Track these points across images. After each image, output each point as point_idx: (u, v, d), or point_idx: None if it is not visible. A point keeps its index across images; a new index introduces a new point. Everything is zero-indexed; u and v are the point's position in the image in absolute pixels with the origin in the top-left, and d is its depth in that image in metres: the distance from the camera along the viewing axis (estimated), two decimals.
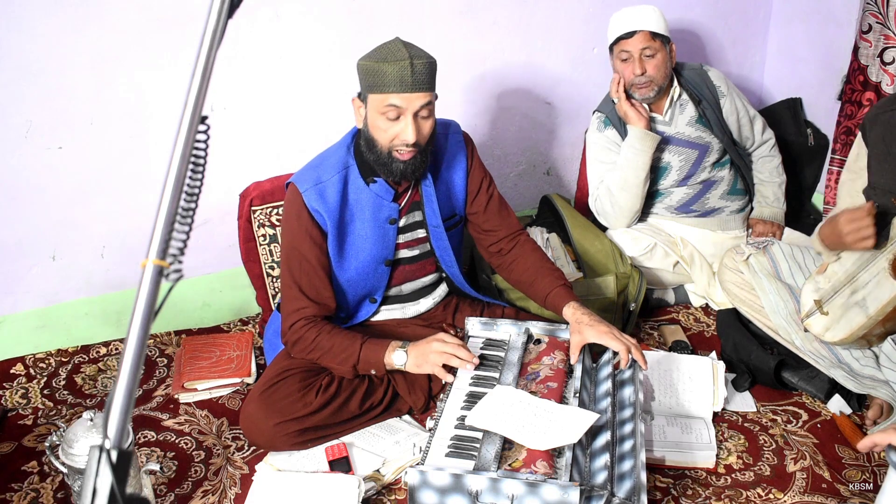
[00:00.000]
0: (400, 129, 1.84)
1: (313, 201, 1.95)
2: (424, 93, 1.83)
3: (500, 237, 2.18)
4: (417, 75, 1.80)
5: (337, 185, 1.97)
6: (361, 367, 1.97)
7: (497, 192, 2.18)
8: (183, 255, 0.85)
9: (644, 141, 2.53)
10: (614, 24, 2.54)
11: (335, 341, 1.97)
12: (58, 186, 2.32)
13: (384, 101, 1.82)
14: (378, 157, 1.90)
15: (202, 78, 0.89)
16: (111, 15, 2.20)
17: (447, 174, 2.11)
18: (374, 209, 2.01)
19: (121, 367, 0.82)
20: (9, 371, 2.36)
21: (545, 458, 1.61)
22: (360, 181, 1.99)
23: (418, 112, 1.84)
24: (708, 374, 2.17)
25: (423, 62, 1.81)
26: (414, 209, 2.08)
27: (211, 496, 1.90)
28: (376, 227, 2.03)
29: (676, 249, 2.69)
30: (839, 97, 2.85)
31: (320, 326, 1.99)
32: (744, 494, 1.89)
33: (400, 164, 1.89)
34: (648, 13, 2.49)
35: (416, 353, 1.93)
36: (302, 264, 1.98)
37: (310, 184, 1.96)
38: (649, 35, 2.48)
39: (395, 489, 1.91)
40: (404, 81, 1.79)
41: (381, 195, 2.00)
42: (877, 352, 2.11)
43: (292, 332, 2.00)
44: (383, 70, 1.79)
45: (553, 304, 2.06)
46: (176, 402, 2.24)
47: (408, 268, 2.14)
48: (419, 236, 2.11)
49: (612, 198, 2.62)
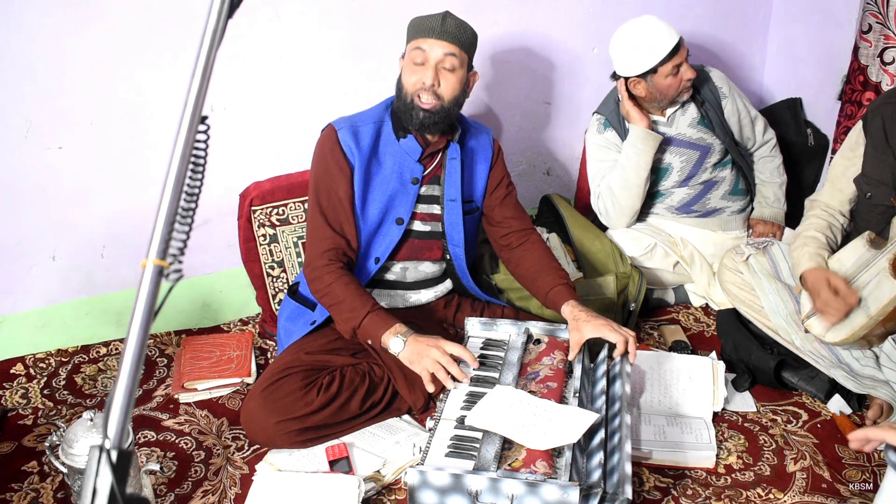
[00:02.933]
0: (422, 73, 1.99)
1: (347, 139, 2.06)
2: (450, 43, 1.98)
3: (513, 230, 2.24)
4: (447, 27, 1.98)
5: (371, 132, 2.09)
6: (360, 333, 1.98)
7: (515, 193, 2.29)
8: (183, 255, 0.86)
9: (646, 141, 2.53)
10: (649, 48, 2.43)
11: (347, 295, 1.98)
12: (58, 186, 2.32)
13: (413, 46, 2.01)
14: (403, 103, 2.04)
15: (202, 78, 0.89)
16: (111, 15, 2.20)
17: (472, 157, 2.21)
18: (400, 164, 2.11)
19: (121, 367, 0.82)
20: (9, 371, 2.36)
21: (545, 458, 1.61)
22: (391, 135, 2.11)
23: (441, 61, 1.99)
24: (708, 374, 2.17)
25: (457, 21, 2.00)
26: (434, 182, 2.15)
27: (211, 496, 1.90)
28: (399, 183, 2.11)
29: (676, 249, 2.69)
30: (839, 97, 2.86)
31: (340, 273, 2.01)
32: (744, 494, 1.89)
33: (420, 112, 2.01)
34: (668, 25, 2.46)
35: (413, 348, 1.91)
36: (330, 196, 2.06)
37: (346, 124, 2.09)
38: (682, 41, 2.48)
39: (395, 489, 1.91)
40: (433, 29, 1.98)
41: (408, 151, 2.10)
42: (877, 352, 2.11)
43: (313, 267, 2.04)
44: (421, 21, 2.02)
45: (553, 302, 2.08)
46: (176, 402, 2.24)
47: (417, 242, 2.17)
48: (434, 211, 2.17)
49: (613, 196, 2.62)
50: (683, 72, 2.49)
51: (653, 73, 2.48)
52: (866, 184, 2.10)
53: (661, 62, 2.45)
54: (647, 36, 2.45)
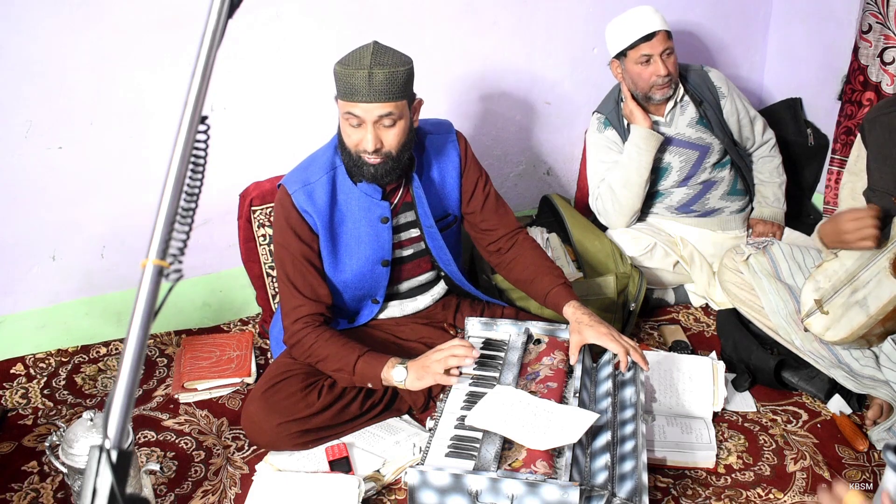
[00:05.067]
0: (361, 136, 1.85)
1: (302, 202, 1.95)
2: (383, 103, 1.80)
3: (499, 236, 2.17)
4: (376, 85, 1.78)
5: (325, 185, 1.97)
6: (357, 379, 1.95)
7: (494, 191, 2.17)
8: (183, 255, 0.85)
9: (648, 141, 2.53)
10: (625, 29, 2.49)
11: (331, 350, 1.95)
12: (58, 186, 2.32)
13: (345, 108, 1.84)
14: (349, 159, 1.91)
15: (202, 78, 0.89)
16: (111, 15, 2.20)
17: (438, 174, 2.10)
18: (365, 209, 2.01)
19: (121, 367, 0.82)
20: (9, 371, 2.36)
21: (545, 458, 1.61)
22: (347, 181, 1.99)
23: (378, 121, 1.83)
24: (708, 374, 2.17)
25: (386, 72, 1.78)
26: (407, 209, 2.08)
27: (211, 496, 1.90)
28: (369, 227, 2.02)
29: (676, 249, 2.69)
30: (839, 97, 2.85)
31: (318, 332, 1.98)
32: (744, 494, 1.89)
33: (370, 168, 1.89)
34: (656, 14, 2.48)
35: (416, 367, 1.90)
36: (295, 263, 1.99)
37: (298, 185, 1.97)
38: (666, 35, 2.48)
39: (395, 489, 1.91)
40: (361, 91, 1.79)
41: (369, 194, 1.99)
42: (877, 352, 2.11)
43: (291, 332, 2.00)
44: (346, 77, 1.80)
45: (553, 303, 2.06)
46: (176, 402, 2.24)
47: (405, 266, 2.14)
48: (413, 235, 2.12)
49: (613, 196, 2.62)
50: (655, 65, 2.48)
51: (624, 56, 2.51)
52: (875, 196, 2.07)
53: (631, 46, 2.48)
54: (629, 18, 2.49)
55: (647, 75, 2.50)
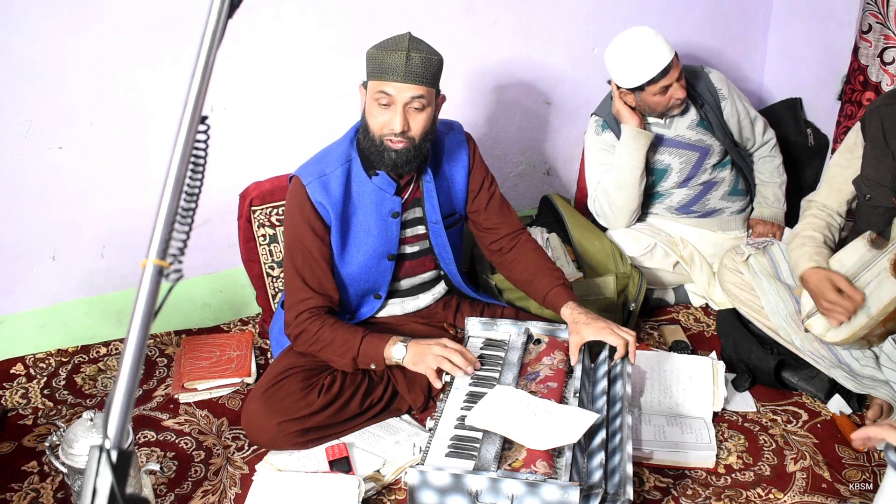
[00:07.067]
0: (389, 117, 1.87)
1: (317, 194, 1.97)
2: (417, 85, 1.85)
3: (501, 235, 2.19)
4: (412, 66, 1.83)
5: (340, 177, 1.99)
6: (361, 360, 1.98)
7: (498, 192, 2.20)
8: (183, 255, 0.85)
9: (637, 139, 2.53)
10: (639, 67, 2.42)
11: (336, 334, 1.98)
12: (58, 186, 2.32)
13: (377, 88, 1.87)
14: (371, 144, 1.92)
15: (202, 78, 0.89)
16: (111, 15, 2.20)
17: (448, 172, 2.13)
18: (377, 202, 2.03)
19: (121, 367, 0.82)
20: (9, 371, 2.36)
21: (545, 458, 1.61)
22: (362, 174, 2.01)
23: (409, 103, 1.86)
24: (708, 374, 2.17)
25: (422, 56, 1.84)
26: (415, 205, 2.10)
27: (211, 496, 1.90)
28: (379, 221, 2.04)
29: (676, 249, 2.69)
30: (839, 97, 2.86)
31: (323, 319, 2.00)
32: (744, 494, 1.89)
33: (392, 154, 1.91)
34: (665, 43, 2.43)
35: (415, 349, 1.94)
36: (305, 256, 2.00)
37: (313, 176, 1.98)
38: (676, 60, 2.46)
39: (395, 489, 1.91)
40: (397, 70, 1.83)
41: (383, 188, 2.02)
42: (877, 352, 2.11)
43: (295, 324, 2.01)
44: (381, 57, 1.85)
45: (552, 303, 2.07)
46: (176, 402, 2.24)
47: (408, 263, 2.15)
48: (419, 233, 2.13)
49: (608, 198, 2.62)
50: (673, 91, 2.48)
51: (640, 90, 2.48)
52: (866, 185, 2.10)
53: (649, 82, 2.45)
54: (638, 52, 2.43)
55: (666, 101, 2.51)
